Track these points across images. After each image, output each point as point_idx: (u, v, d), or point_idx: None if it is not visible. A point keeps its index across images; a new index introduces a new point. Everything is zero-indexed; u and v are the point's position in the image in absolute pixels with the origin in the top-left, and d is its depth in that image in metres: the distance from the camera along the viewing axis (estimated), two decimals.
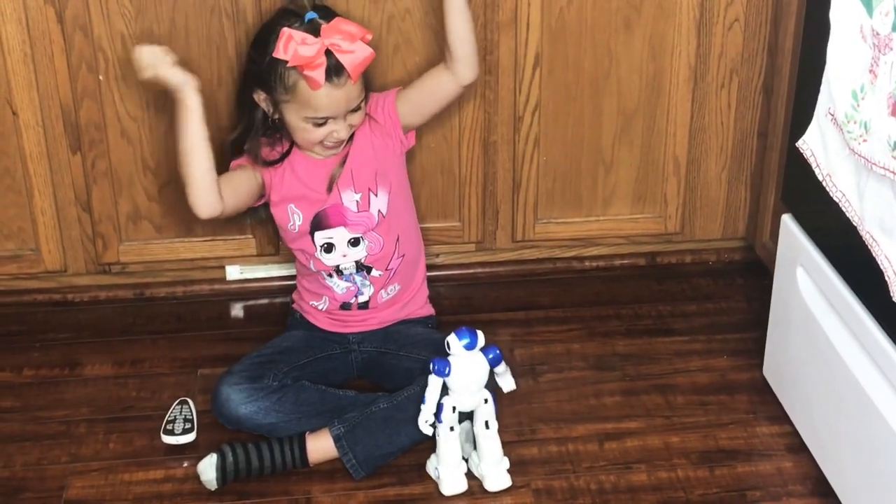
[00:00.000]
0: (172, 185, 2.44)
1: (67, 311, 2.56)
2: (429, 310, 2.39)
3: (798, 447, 2.16)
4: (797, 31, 2.25)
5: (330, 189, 2.20)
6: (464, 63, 2.16)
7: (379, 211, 2.22)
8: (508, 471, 2.10)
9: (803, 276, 2.11)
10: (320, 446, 2.11)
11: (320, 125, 2.12)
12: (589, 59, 2.44)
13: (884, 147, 1.70)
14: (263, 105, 2.16)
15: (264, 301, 2.59)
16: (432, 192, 2.52)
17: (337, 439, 2.10)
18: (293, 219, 2.22)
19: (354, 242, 2.22)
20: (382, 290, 2.28)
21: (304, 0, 2.15)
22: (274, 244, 2.52)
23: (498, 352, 2.06)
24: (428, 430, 2.05)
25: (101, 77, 2.33)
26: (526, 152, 2.50)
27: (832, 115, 1.86)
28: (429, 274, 2.43)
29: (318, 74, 2.05)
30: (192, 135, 2.08)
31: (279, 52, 2.05)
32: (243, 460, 2.07)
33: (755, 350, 2.40)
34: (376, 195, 2.22)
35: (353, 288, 2.27)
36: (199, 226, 2.49)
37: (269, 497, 2.08)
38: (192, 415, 2.23)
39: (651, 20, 2.42)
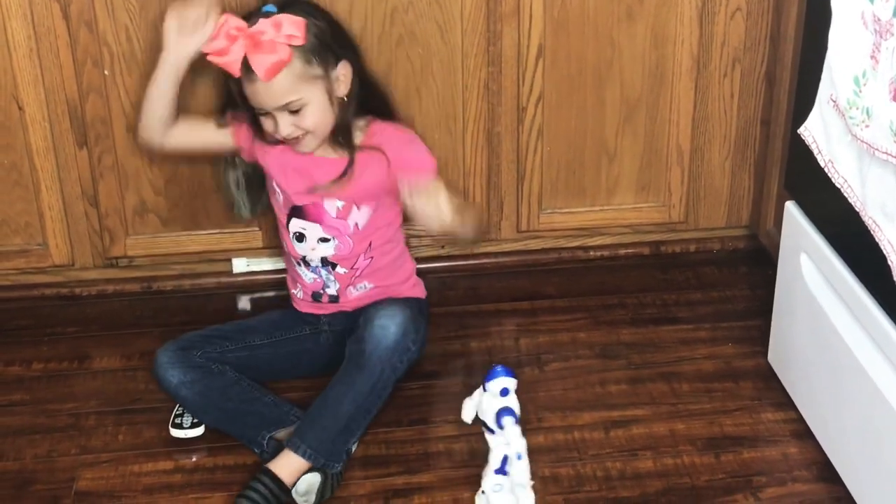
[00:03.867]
0: (178, 178, 2.46)
1: (75, 305, 2.58)
2: (414, 292, 2.32)
3: (803, 433, 2.17)
4: (799, 19, 2.26)
5: (310, 192, 2.18)
6: None
7: (356, 224, 2.20)
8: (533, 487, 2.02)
9: (807, 262, 2.12)
10: (281, 463, 2.05)
11: (264, 115, 2.12)
12: (591, 49, 2.44)
13: (886, 132, 1.70)
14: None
15: (271, 294, 2.59)
16: None
17: (288, 443, 2.06)
18: (276, 193, 2.23)
19: (325, 240, 2.21)
20: (350, 287, 2.26)
21: None
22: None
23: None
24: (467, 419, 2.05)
25: (106, 72, 2.34)
26: (530, 143, 2.51)
27: (834, 102, 1.86)
28: (434, 265, 2.43)
29: (229, 65, 2.05)
30: (150, 90, 2.17)
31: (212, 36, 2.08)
32: None
33: (760, 337, 2.40)
34: (359, 209, 2.20)
35: (319, 280, 2.26)
36: (206, 219, 2.50)
37: None
38: None
39: (653, 9, 2.42)
